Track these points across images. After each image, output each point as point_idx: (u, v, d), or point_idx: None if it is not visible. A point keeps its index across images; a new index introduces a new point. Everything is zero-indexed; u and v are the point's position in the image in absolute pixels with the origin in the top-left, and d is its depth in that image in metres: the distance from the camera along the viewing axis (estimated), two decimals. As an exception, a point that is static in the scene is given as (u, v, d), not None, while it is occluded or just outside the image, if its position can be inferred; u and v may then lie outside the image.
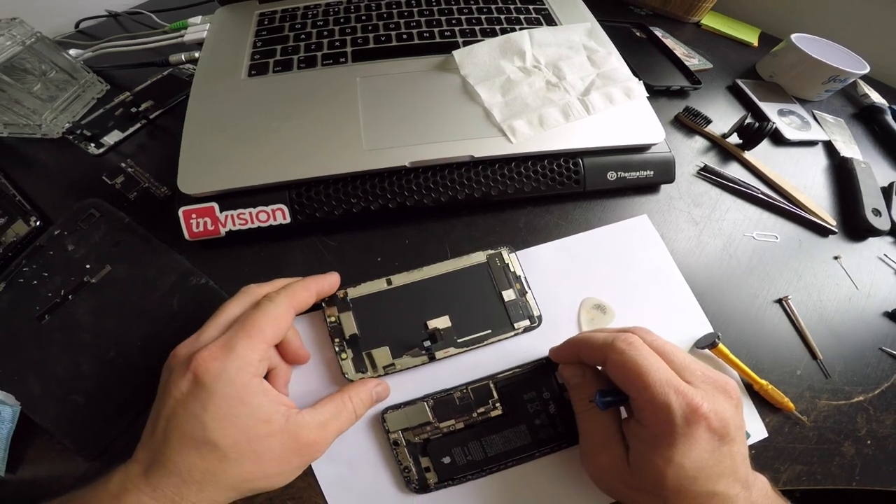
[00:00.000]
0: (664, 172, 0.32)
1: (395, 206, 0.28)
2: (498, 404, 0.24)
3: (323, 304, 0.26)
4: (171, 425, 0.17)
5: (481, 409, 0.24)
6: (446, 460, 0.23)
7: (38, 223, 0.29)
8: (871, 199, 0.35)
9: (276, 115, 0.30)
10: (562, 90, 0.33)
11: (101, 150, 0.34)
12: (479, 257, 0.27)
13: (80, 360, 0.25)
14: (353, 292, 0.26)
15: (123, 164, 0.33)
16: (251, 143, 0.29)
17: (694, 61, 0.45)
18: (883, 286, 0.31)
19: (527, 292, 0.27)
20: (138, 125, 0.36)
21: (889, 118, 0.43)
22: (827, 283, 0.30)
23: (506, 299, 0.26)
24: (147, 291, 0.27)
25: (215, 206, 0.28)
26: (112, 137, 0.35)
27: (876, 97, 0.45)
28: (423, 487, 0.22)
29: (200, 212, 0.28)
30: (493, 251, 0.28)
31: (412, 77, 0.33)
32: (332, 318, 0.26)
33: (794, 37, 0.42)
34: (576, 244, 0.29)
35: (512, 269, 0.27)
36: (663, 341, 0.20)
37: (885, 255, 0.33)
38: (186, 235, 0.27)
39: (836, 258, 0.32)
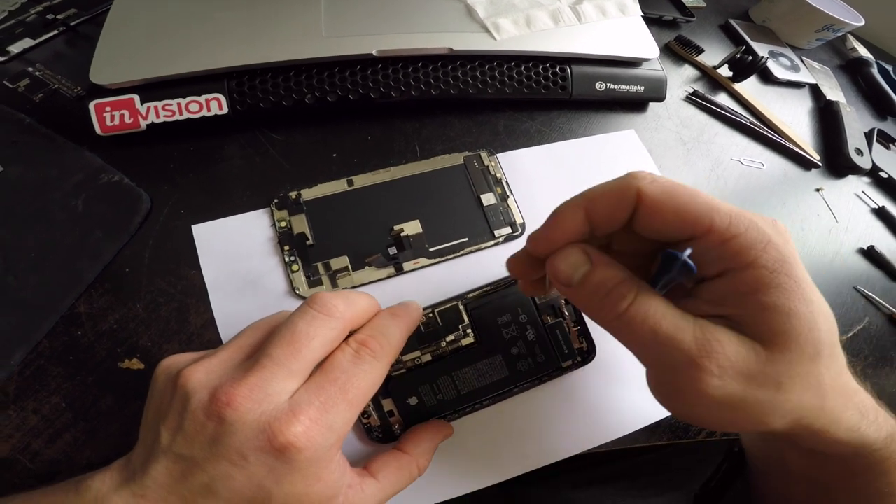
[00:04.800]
0: (655, 90, 0.30)
1: (356, 97, 0.24)
2: (469, 330, 0.20)
3: (272, 207, 0.22)
4: (221, 485, 0.13)
5: (450, 338, 0.20)
6: (413, 401, 0.19)
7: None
8: (854, 139, 0.35)
9: (220, 5, 0.25)
10: (551, -4, 0.30)
11: (5, 59, 0.28)
12: (455, 158, 0.24)
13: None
14: (308, 193, 0.22)
15: (31, 69, 0.28)
16: (186, 29, 0.24)
17: (686, -2, 0.42)
18: (860, 222, 0.32)
19: (508, 196, 0.24)
20: (55, 32, 0.30)
21: (874, 71, 0.43)
22: (809, 212, 0.31)
23: (485, 204, 0.23)
24: (46, 192, 0.22)
25: (135, 97, 0.23)
26: (20, 45, 0.29)
27: (863, 52, 0.45)
28: (387, 436, 0.19)
29: (116, 104, 0.23)
30: (470, 153, 0.24)
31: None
32: (283, 223, 0.22)
33: (793, -15, 0.42)
34: (560, 151, 0.27)
35: (492, 172, 0.24)
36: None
37: (864, 192, 0.34)
38: (98, 130, 0.23)
39: (818, 190, 0.32)
